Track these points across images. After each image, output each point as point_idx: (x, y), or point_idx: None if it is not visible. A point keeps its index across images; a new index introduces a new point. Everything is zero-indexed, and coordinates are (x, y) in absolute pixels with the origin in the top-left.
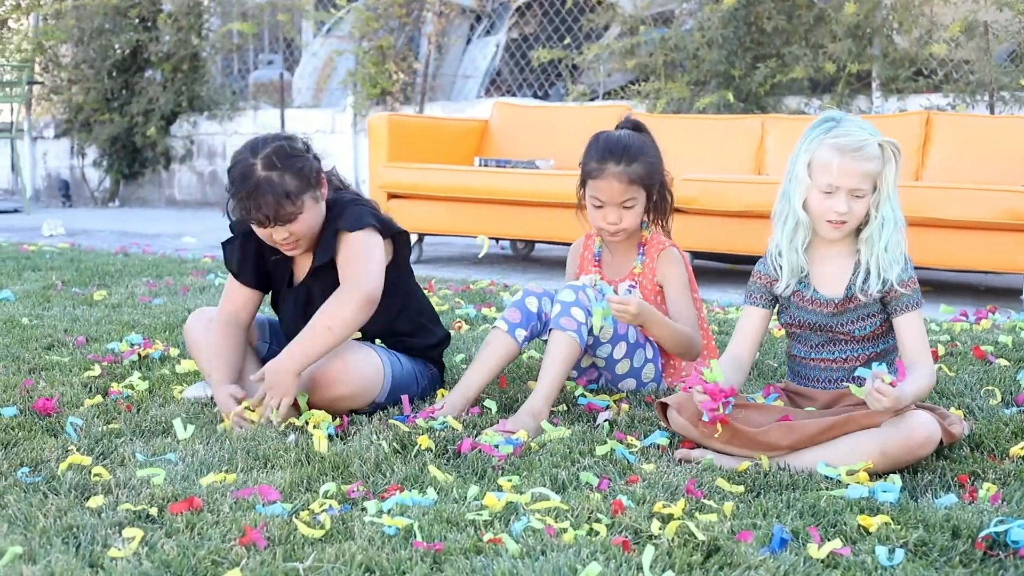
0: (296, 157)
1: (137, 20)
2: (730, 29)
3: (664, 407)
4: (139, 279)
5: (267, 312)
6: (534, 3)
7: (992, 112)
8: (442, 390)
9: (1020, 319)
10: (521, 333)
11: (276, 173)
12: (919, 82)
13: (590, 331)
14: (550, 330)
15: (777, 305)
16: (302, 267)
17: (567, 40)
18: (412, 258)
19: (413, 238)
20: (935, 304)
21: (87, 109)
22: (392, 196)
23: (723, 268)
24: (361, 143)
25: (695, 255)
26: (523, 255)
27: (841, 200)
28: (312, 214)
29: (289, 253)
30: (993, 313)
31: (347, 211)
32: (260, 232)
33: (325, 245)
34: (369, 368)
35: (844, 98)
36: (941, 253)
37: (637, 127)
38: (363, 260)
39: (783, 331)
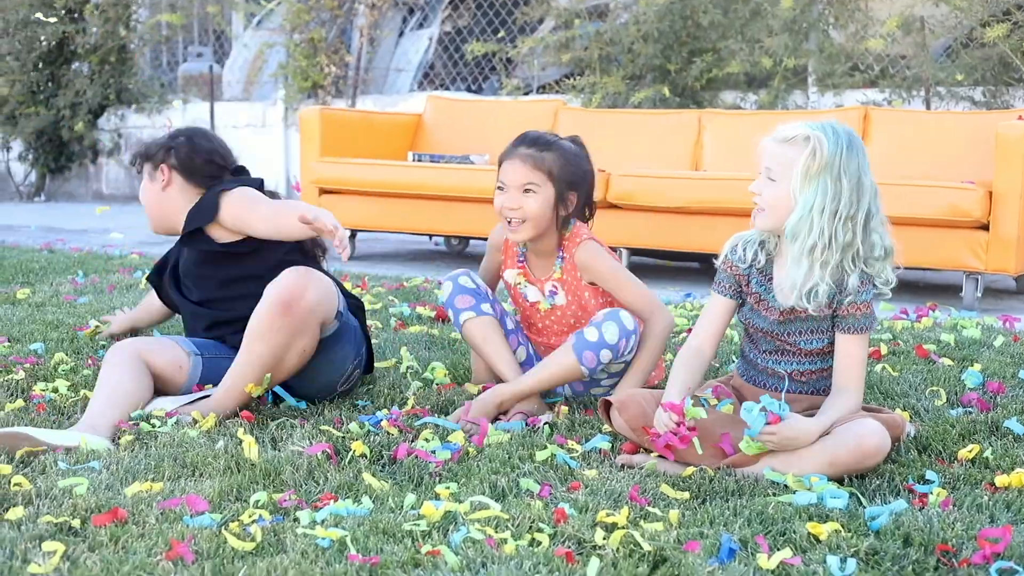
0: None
1: (64, 11)
2: (666, 23)
3: (607, 405)
4: (64, 277)
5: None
6: None
7: (928, 107)
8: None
9: (961, 316)
10: (486, 307)
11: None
12: (855, 77)
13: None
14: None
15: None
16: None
17: (501, 34)
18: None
19: (347, 233)
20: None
21: (12, 102)
22: (324, 191)
23: (660, 265)
24: (292, 137)
25: (632, 251)
26: (457, 251)
27: (758, 181)
28: (150, 193)
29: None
30: (933, 311)
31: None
32: None
33: (193, 212)
34: (317, 274)
35: (780, 93)
36: None
37: (575, 140)
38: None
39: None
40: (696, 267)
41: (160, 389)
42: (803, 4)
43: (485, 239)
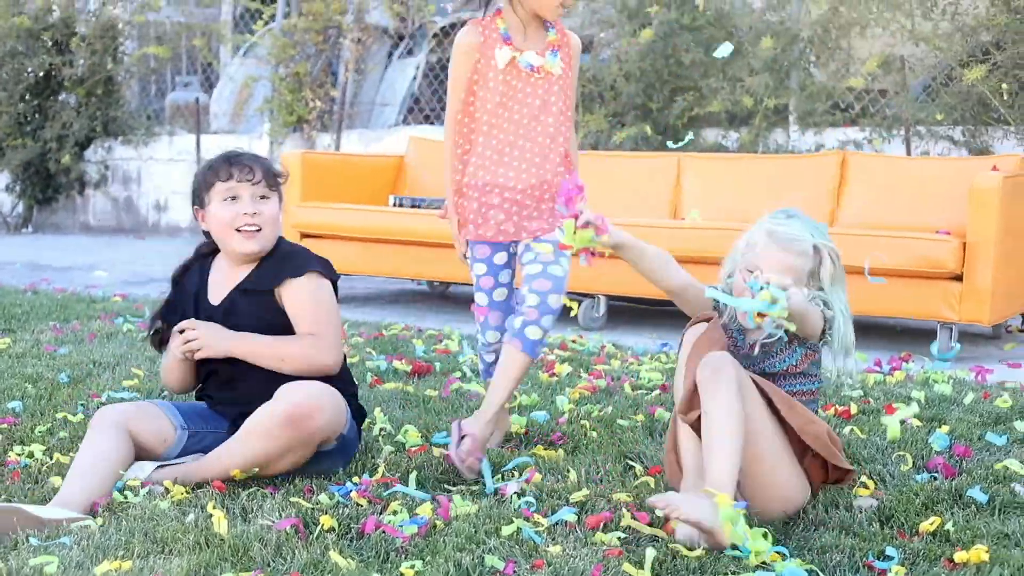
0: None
1: (51, 43)
2: (648, 62)
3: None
4: (46, 323)
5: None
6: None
7: (908, 147)
8: None
9: (933, 369)
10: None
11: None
12: (836, 115)
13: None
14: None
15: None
16: (220, 287)
17: None
18: None
19: None
20: None
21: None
22: (305, 236)
23: (642, 309)
24: None
25: (611, 298)
26: (439, 292)
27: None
28: (278, 212)
29: (246, 240)
30: (907, 361)
31: (294, 249)
32: (226, 208)
33: (267, 272)
34: (334, 396)
35: (761, 131)
36: (856, 300)
37: None
38: (326, 321)
39: None
40: (674, 310)
41: (139, 455)
42: (784, 43)
43: (466, 284)
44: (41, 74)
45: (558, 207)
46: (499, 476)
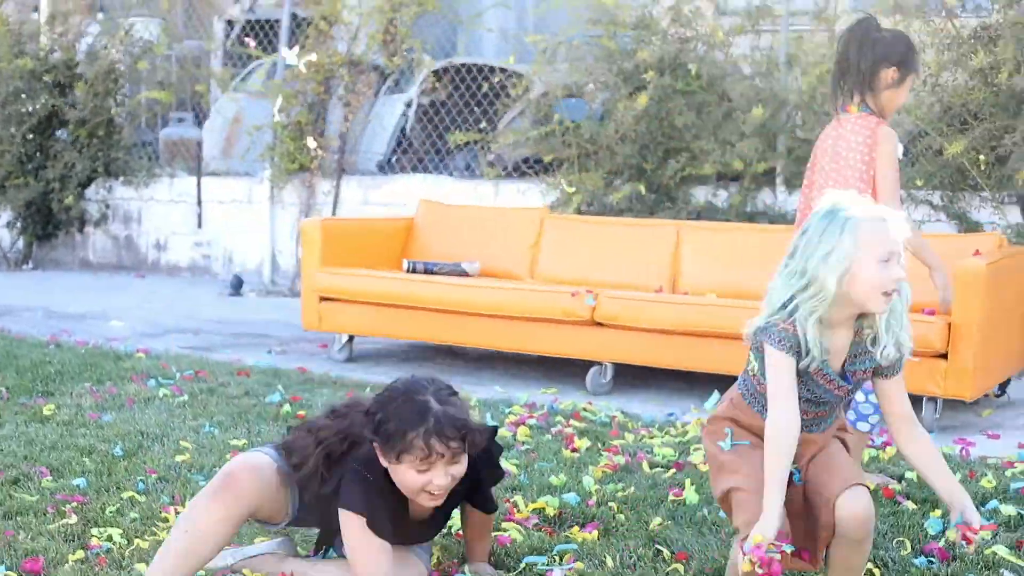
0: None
1: (53, 84)
2: (643, 125)
3: None
4: (80, 384)
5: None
6: (445, 72)
7: None
8: None
9: None
10: None
11: (451, 408)
12: None
13: None
14: None
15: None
16: None
17: (483, 124)
18: (343, 357)
19: (343, 338)
20: None
21: (2, 172)
22: (324, 299)
23: (646, 372)
24: (278, 215)
25: (617, 367)
26: (447, 347)
27: (896, 267)
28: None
29: (429, 500)
30: None
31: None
32: (417, 478)
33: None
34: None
35: (750, 192)
36: None
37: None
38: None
39: None
40: (675, 373)
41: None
42: (773, 109)
43: (482, 348)
44: (44, 115)
45: None
46: (545, 561)
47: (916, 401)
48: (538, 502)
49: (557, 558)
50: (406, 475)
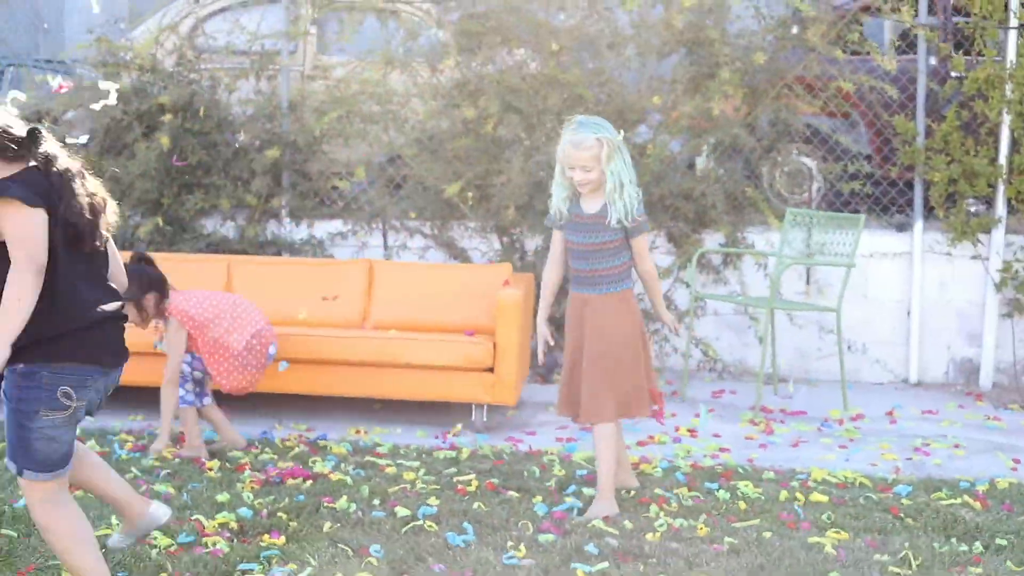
0: None
1: None
2: (160, 163)
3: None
4: None
5: None
6: None
7: (385, 237)
8: None
9: (480, 442)
10: None
11: None
12: (323, 210)
13: None
14: None
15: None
16: None
17: None
18: None
19: None
20: None
21: None
22: None
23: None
24: None
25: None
26: None
27: (577, 173)
28: None
29: None
30: (456, 436)
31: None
32: None
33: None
34: None
35: (261, 224)
36: (408, 388)
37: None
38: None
39: None
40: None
41: None
42: (282, 150)
43: None
44: None
45: None
46: (260, 567)
47: (467, 408)
48: (219, 518)
49: (266, 563)
50: None
